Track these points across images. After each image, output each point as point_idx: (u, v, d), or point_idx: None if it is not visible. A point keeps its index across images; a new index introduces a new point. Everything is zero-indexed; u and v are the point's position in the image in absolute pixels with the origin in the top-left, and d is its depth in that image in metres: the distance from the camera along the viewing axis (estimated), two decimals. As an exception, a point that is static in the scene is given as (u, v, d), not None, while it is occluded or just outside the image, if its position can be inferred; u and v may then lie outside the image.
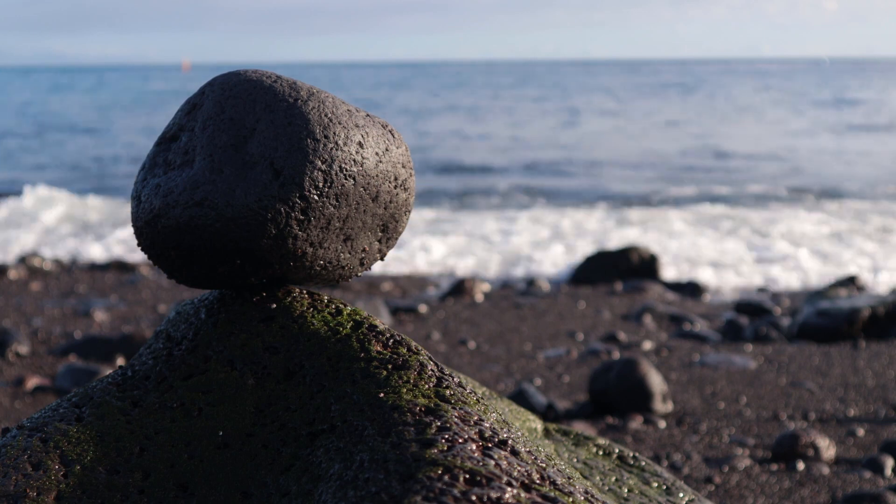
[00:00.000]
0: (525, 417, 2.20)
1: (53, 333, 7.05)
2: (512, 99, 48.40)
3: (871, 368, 6.09)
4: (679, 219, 13.64)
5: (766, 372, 6.04)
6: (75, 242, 12.28)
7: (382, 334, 1.80)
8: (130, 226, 2.27)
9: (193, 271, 1.79)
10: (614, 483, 1.99)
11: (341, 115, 1.77)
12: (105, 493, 1.63)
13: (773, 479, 4.20)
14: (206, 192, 1.71)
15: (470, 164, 21.96)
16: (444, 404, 1.63)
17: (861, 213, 14.30)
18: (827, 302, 7.44)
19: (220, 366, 1.78)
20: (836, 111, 37.33)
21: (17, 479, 1.61)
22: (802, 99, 45.57)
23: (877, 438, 4.74)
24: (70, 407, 1.78)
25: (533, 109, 40.42)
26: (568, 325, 7.67)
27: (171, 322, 1.91)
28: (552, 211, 14.75)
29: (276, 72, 1.84)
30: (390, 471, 1.45)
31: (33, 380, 5.69)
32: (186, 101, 1.84)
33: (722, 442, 4.72)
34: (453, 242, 11.95)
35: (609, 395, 5.13)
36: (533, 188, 17.95)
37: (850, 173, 19.61)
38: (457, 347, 6.83)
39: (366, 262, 1.89)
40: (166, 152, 1.82)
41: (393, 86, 66.98)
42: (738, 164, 21.67)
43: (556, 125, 32.61)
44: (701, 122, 33.11)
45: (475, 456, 1.48)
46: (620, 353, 6.56)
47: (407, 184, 1.87)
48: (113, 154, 24.95)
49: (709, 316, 8.15)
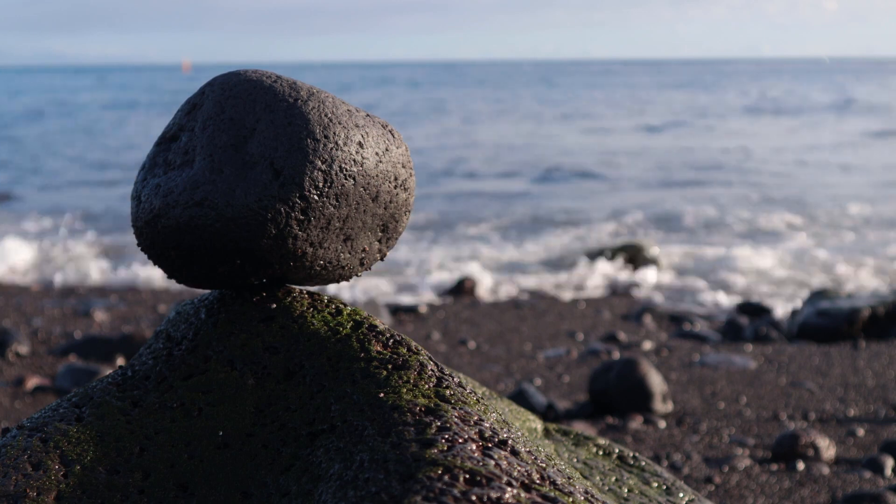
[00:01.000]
0: (525, 417, 2.20)
1: (53, 333, 7.05)
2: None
3: (871, 368, 6.09)
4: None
5: (766, 372, 6.04)
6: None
7: (382, 334, 1.80)
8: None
9: (193, 271, 1.79)
10: (614, 483, 1.99)
11: (341, 115, 1.77)
12: (105, 493, 1.63)
13: (773, 479, 4.20)
14: (206, 192, 1.71)
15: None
16: (444, 404, 1.63)
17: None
18: (827, 302, 7.44)
19: (220, 366, 1.78)
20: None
21: (17, 479, 1.61)
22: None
23: (877, 438, 4.74)
24: (70, 407, 1.78)
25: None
26: (568, 325, 7.66)
27: (171, 322, 1.91)
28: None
29: (276, 72, 1.84)
30: (390, 471, 1.45)
31: (33, 380, 5.70)
32: (186, 101, 1.84)
33: (722, 442, 4.72)
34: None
35: (609, 395, 5.13)
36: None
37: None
38: (457, 347, 6.83)
39: (366, 262, 1.89)
40: (166, 152, 1.82)
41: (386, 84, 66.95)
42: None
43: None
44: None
45: (475, 456, 1.48)
46: (620, 353, 6.56)
47: (407, 184, 1.87)
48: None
49: (709, 316, 8.15)
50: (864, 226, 13.20)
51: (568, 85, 65.95)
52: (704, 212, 14.27)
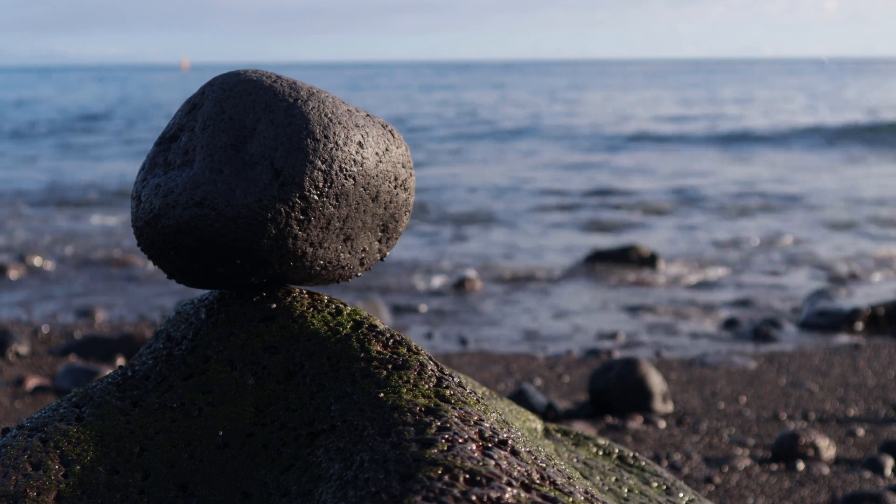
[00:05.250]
0: (525, 417, 2.20)
1: (53, 333, 7.05)
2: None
3: (871, 368, 6.09)
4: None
5: (766, 372, 6.04)
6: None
7: (382, 334, 1.80)
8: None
9: (193, 271, 1.79)
10: (614, 483, 1.99)
11: (341, 114, 1.77)
12: (105, 493, 1.62)
13: (773, 479, 4.20)
14: (206, 192, 1.71)
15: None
16: (444, 404, 1.63)
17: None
18: (827, 302, 7.44)
19: (220, 366, 1.78)
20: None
21: (17, 479, 1.61)
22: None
23: (877, 438, 4.74)
24: (70, 407, 1.78)
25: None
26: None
27: (171, 322, 1.91)
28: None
29: (276, 72, 1.84)
30: (390, 471, 1.45)
31: (33, 380, 5.69)
32: (186, 101, 1.84)
33: (722, 442, 4.72)
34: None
35: (609, 395, 5.13)
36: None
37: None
38: (457, 347, 6.83)
39: (366, 262, 1.89)
40: (166, 152, 1.82)
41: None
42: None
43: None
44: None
45: (475, 456, 1.48)
46: (620, 353, 6.56)
47: (407, 184, 1.87)
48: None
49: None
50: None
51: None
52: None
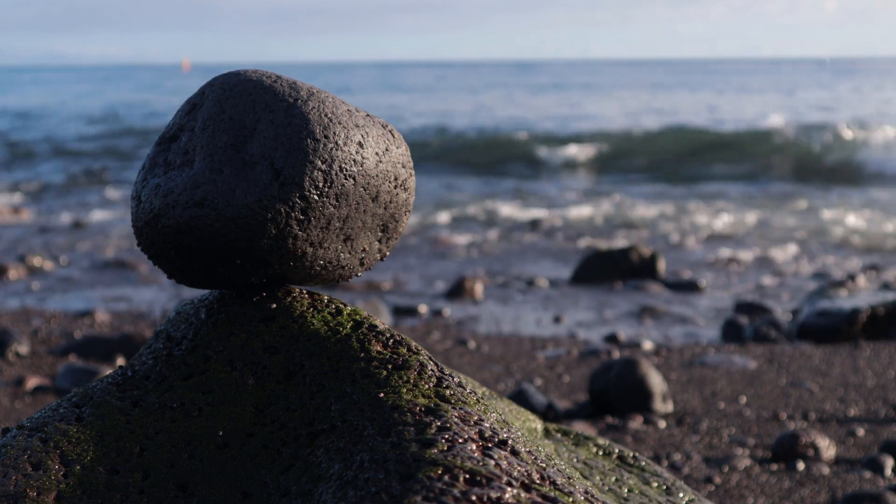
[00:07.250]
0: (525, 417, 2.20)
1: (53, 333, 7.05)
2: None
3: (871, 368, 6.09)
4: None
5: (766, 372, 6.04)
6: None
7: (382, 334, 1.80)
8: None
9: (193, 271, 1.79)
10: (614, 483, 1.99)
11: (341, 114, 1.77)
12: (105, 493, 1.63)
13: (773, 479, 4.20)
14: (207, 192, 1.71)
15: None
16: (444, 404, 1.63)
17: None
18: (827, 302, 7.44)
19: (220, 366, 1.78)
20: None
21: (17, 479, 1.61)
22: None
23: (877, 438, 4.74)
24: (70, 407, 1.78)
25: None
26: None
27: (171, 322, 1.91)
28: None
29: (276, 72, 1.84)
30: (390, 471, 1.45)
31: (33, 380, 5.69)
32: (186, 101, 1.84)
33: (722, 442, 4.72)
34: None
35: (609, 395, 5.13)
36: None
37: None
38: (457, 347, 6.83)
39: (366, 262, 1.89)
40: (166, 152, 1.82)
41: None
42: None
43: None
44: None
45: (475, 456, 1.48)
46: (620, 353, 6.56)
47: (407, 184, 1.87)
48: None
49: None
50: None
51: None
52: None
